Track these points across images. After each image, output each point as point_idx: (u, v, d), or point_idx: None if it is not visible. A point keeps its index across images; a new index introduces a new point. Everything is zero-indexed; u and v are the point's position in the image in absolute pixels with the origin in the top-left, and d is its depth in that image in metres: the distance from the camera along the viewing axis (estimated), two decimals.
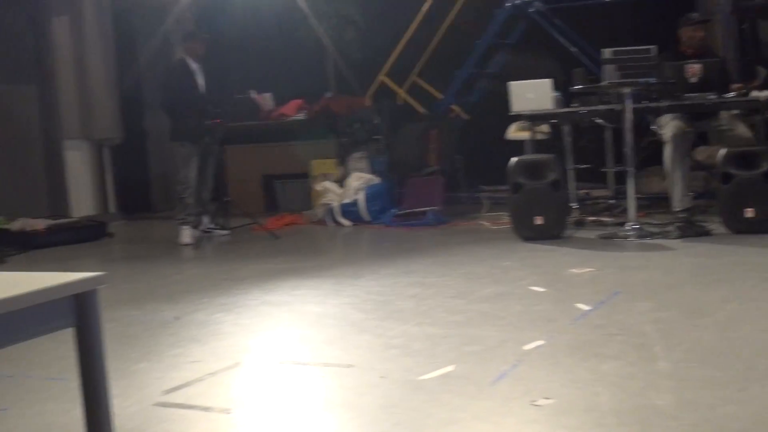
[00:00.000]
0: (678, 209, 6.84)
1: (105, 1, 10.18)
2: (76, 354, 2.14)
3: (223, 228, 8.28)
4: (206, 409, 3.23)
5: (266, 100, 10.78)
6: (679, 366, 3.37)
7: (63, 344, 1.92)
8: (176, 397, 3.38)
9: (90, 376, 2.19)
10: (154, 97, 9.82)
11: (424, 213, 8.34)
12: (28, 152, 9.68)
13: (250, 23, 11.03)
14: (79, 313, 2.17)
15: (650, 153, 7.62)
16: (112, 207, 10.41)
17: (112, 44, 10.30)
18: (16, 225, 8.37)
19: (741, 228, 6.44)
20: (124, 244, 8.65)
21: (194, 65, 8.13)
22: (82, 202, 9.98)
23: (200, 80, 8.12)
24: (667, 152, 6.91)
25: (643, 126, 7.62)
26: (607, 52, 7.25)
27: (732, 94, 6.91)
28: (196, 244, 7.75)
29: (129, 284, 6.08)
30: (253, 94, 10.77)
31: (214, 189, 8.42)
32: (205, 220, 8.21)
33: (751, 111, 7.16)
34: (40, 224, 8.42)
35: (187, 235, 7.96)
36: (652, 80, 6.87)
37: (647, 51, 7.12)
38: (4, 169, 9.06)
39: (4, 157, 9.09)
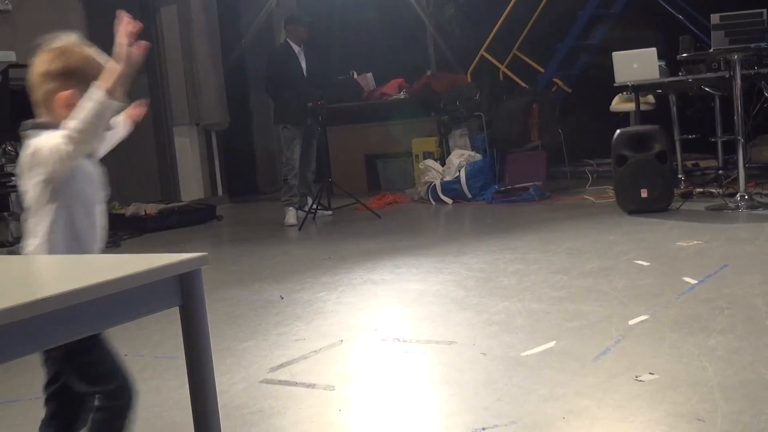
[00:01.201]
0: None
1: None
2: (182, 333, 2.22)
3: (326, 208, 8.39)
4: (311, 385, 3.31)
5: (367, 80, 10.84)
6: None
7: (175, 324, 1.99)
8: (281, 375, 3.47)
9: (195, 354, 2.25)
10: (258, 80, 10.00)
11: (526, 188, 8.27)
12: (140, 139, 9.99)
13: (350, 3, 11.09)
14: (183, 293, 2.23)
15: (762, 120, 7.35)
16: (220, 190, 10.68)
17: (217, 31, 10.54)
18: (130, 210, 8.70)
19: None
20: (231, 226, 8.87)
21: (297, 48, 8.24)
22: (192, 186, 10.27)
23: (303, 63, 8.24)
24: None
25: (755, 93, 7.36)
26: (715, 18, 7.01)
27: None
28: (301, 224, 7.87)
29: (236, 265, 6.25)
30: (355, 75, 10.85)
31: (317, 170, 8.53)
32: (309, 200, 8.34)
33: None
34: (152, 208, 8.71)
35: (292, 215, 8.11)
36: (763, 45, 6.61)
37: (758, 15, 6.86)
38: (117, 156, 9.33)
39: (118, 146, 9.40)
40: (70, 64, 2.31)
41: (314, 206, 8.17)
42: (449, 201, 8.59)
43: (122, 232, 8.16)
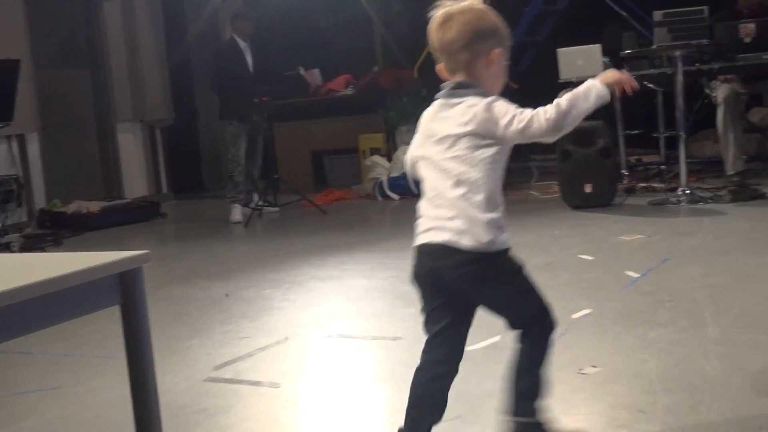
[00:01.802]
0: (731, 173, 6.73)
1: None
2: (123, 332, 2.18)
3: (272, 205, 8.35)
4: (256, 383, 3.28)
5: (314, 76, 10.80)
6: (729, 332, 3.33)
7: (117, 323, 1.96)
8: (226, 373, 3.44)
9: (136, 354, 2.22)
10: (204, 76, 9.91)
11: None
12: (82, 136, 9.84)
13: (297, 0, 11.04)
14: (124, 291, 2.20)
15: (702, 116, 7.49)
16: (164, 187, 10.56)
17: (162, 26, 10.41)
18: (72, 207, 8.55)
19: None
20: (176, 223, 8.78)
21: (243, 44, 8.18)
22: (136, 184, 10.13)
23: (249, 59, 8.18)
24: (720, 115, 6.79)
25: (696, 89, 7.49)
26: (657, 15, 7.12)
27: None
28: (246, 221, 7.82)
29: (181, 262, 6.19)
30: (302, 71, 10.80)
31: (263, 166, 8.48)
32: (255, 197, 8.28)
33: None
34: (94, 206, 8.57)
35: (237, 212, 8.05)
36: (704, 42, 6.73)
37: (699, 12, 6.98)
38: (59, 153, 9.22)
39: (59, 141, 9.25)
40: (495, 23, 2.37)
41: (260, 203, 8.12)
42: (396, 197, 8.60)
43: (64, 231, 8.02)
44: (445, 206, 2.28)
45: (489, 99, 2.28)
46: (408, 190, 8.58)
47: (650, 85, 7.53)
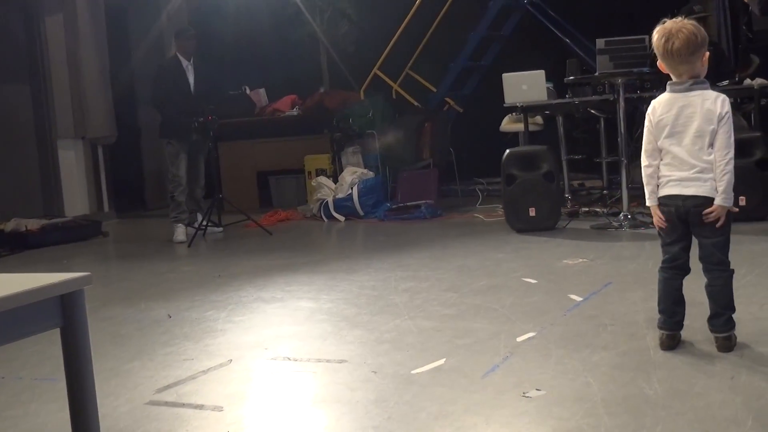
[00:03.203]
0: None
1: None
2: (62, 354, 2.14)
3: (216, 225, 8.28)
4: (198, 407, 3.23)
5: (260, 95, 10.77)
6: (670, 355, 3.38)
7: (56, 345, 1.92)
8: (168, 396, 3.38)
9: (76, 377, 2.18)
10: (146, 94, 9.81)
11: (418, 206, 8.34)
12: (22, 152, 9.66)
13: (244, 18, 11.03)
14: (65, 314, 2.16)
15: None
16: (106, 206, 10.40)
17: (105, 42, 10.28)
18: (10, 225, 8.36)
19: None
20: (118, 242, 8.65)
21: (185, 62, 8.11)
22: (76, 201, 9.96)
23: (191, 78, 8.11)
24: None
25: (637, 115, 7.62)
26: (600, 43, 7.25)
27: (725, 82, 6.90)
28: (190, 241, 7.74)
29: (122, 283, 6.09)
30: (247, 90, 10.76)
31: (206, 186, 8.41)
32: (199, 217, 8.20)
33: (744, 99, 7.15)
34: (33, 224, 8.41)
35: (180, 232, 7.97)
36: (645, 69, 6.87)
37: (640, 41, 7.13)
38: None
39: None
40: (704, 35, 3.27)
41: (204, 223, 8.04)
42: (341, 218, 8.59)
43: (2, 249, 7.85)
44: None
45: None
46: (353, 211, 8.59)
47: (593, 111, 7.65)
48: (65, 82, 9.93)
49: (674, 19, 3.29)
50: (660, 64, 3.34)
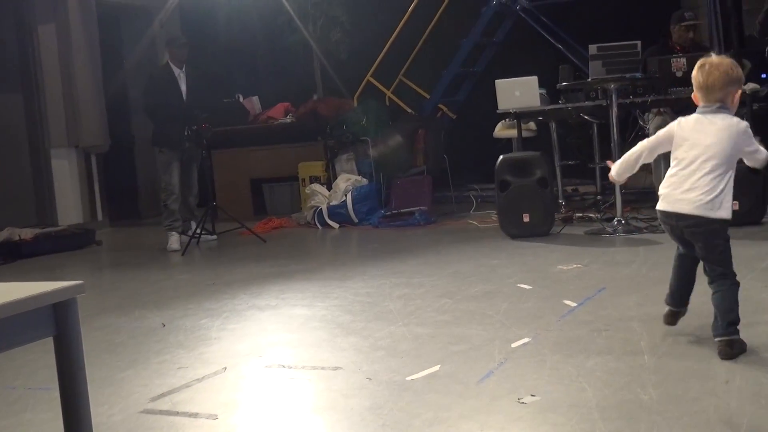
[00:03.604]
0: None
1: (91, 8, 10.13)
2: (56, 363, 2.13)
3: (210, 233, 8.26)
4: (193, 415, 3.22)
5: (253, 103, 10.77)
6: (664, 360, 3.38)
7: (50, 353, 1.91)
8: (162, 404, 3.37)
9: (70, 386, 2.17)
10: (139, 103, 9.80)
11: (411, 213, 8.34)
12: (15, 161, 9.64)
13: (237, 26, 11.03)
14: (58, 323, 2.15)
15: None
16: (99, 214, 10.37)
17: (98, 51, 10.27)
18: (3, 234, 8.34)
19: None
20: (111, 251, 8.63)
21: (177, 71, 8.11)
22: (70, 210, 9.94)
23: (183, 86, 8.10)
24: None
25: (630, 121, 7.65)
26: (592, 48, 7.27)
27: None
28: (184, 249, 7.72)
29: (116, 291, 6.08)
30: (240, 98, 10.76)
31: (200, 194, 8.40)
32: (192, 225, 8.19)
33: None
34: (27, 233, 8.39)
35: (174, 241, 7.95)
36: (637, 75, 6.88)
37: (633, 46, 7.14)
38: None
39: None
40: (740, 74, 3.48)
41: (198, 231, 8.03)
42: (336, 225, 8.59)
43: None
44: None
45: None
46: (347, 218, 8.58)
47: (586, 117, 7.66)
48: (58, 90, 9.91)
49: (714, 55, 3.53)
50: (694, 95, 3.54)
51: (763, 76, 7.44)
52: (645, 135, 7.18)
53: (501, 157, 7.00)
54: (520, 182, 6.83)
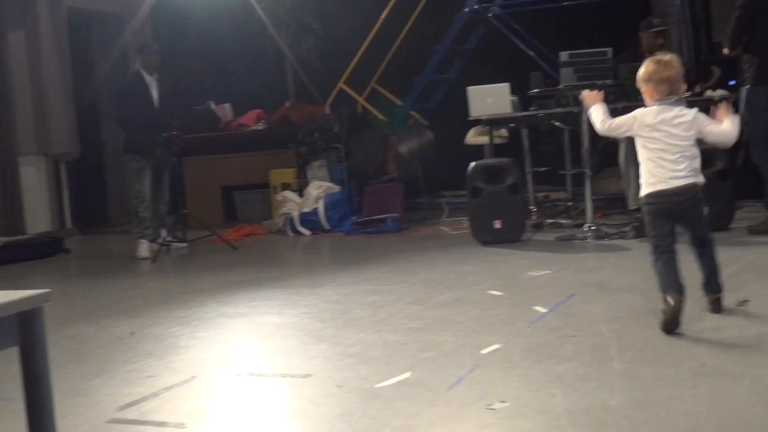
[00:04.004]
0: (633, 208, 6.89)
1: (61, 14, 10.05)
2: (21, 373, 2.11)
3: (181, 241, 8.21)
4: (161, 424, 3.20)
5: (225, 110, 10.72)
6: (632, 366, 3.40)
7: (15, 364, 1.89)
8: (130, 414, 3.34)
9: (35, 396, 2.15)
10: (110, 110, 9.72)
11: (383, 220, 8.34)
12: None
13: (208, 33, 10.99)
14: (23, 332, 2.13)
15: (607, 154, 7.68)
16: (68, 222, 10.27)
17: (68, 58, 10.18)
18: None
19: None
20: (80, 259, 8.55)
21: (149, 78, 8.06)
22: (38, 218, 9.83)
23: (154, 93, 8.05)
24: (621, 152, 6.98)
25: None
26: (563, 55, 7.30)
27: (686, 93, 6.98)
28: (154, 257, 7.67)
29: (84, 300, 6.02)
30: (212, 105, 10.71)
31: (171, 201, 8.34)
32: (163, 233, 8.13)
33: (706, 110, 7.23)
34: None
35: (144, 248, 7.89)
36: (608, 82, 6.92)
37: (603, 53, 7.19)
38: None
39: None
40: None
41: (168, 238, 7.97)
42: (307, 232, 8.57)
43: None
44: None
45: None
46: (319, 225, 8.57)
47: (557, 124, 7.70)
48: (27, 98, 9.81)
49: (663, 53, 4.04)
50: (646, 89, 3.94)
51: (732, 82, 7.51)
52: (616, 142, 7.23)
53: (473, 163, 7.02)
54: (492, 189, 6.86)
